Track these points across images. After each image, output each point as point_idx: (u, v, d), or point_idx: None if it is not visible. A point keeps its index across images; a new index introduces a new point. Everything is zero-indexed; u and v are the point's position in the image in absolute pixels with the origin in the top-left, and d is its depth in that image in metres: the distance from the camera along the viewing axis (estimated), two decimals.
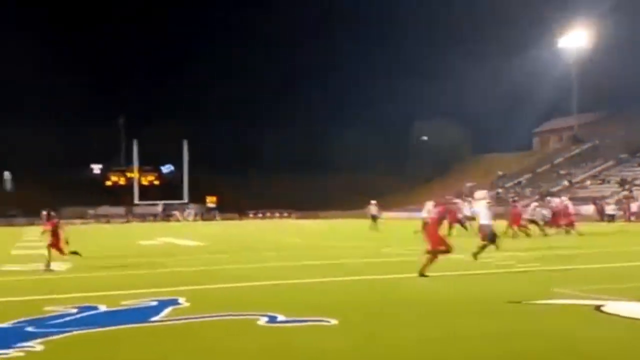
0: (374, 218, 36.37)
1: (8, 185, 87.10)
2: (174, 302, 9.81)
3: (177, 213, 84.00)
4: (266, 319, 8.23)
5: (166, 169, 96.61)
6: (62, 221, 17.49)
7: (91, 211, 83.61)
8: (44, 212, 18.12)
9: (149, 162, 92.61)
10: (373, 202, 37.67)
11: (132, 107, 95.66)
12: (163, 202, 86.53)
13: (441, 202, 17.82)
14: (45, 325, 8.03)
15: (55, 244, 16.12)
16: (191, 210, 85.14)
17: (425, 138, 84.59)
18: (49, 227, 16.51)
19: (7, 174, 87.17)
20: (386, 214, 54.27)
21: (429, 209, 29.39)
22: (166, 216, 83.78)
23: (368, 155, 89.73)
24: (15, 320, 8.37)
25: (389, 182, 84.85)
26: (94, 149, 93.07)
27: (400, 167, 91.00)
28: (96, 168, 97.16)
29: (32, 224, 68.75)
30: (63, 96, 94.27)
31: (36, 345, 6.91)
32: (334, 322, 8.01)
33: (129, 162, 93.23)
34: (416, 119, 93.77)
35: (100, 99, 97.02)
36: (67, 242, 16.45)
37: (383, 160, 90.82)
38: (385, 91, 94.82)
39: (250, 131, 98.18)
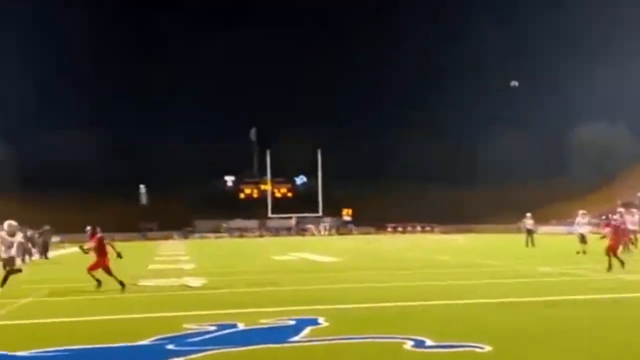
0: (530, 233, 35.20)
1: (143, 199, 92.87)
2: (313, 321, 9.99)
3: (312, 227, 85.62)
4: (412, 343, 8.18)
5: (300, 180, 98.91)
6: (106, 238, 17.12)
7: (225, 225, 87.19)
8: (88, 227, 17.56)
9: (282, 174, 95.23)
10: (528, 214, 36.46)
11: (264, 117, 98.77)
12: (297, 215, 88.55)
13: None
14: (185, 344, 8.45)
15: (101, 262, 16.10)
16: (326, 223, 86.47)
17: (516, 84, 76.77)
18: (92, 245, 16.49)
19: (142, 188, 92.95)
20: (542, 228, 52.39)
21: (578, 221, 28.26)
22: (300, 230, 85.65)
23: (521, 163, 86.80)
24: (155, 338, 8.86)
25: (546, 193, 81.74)
26: (227, 160, 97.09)
27: (559, 176, 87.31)
28: (229, 180, 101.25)
29: (168, 238, 72.88)
30: (196, 108, 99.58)
31: None
32: (487, 348, 7.82)
33: (262, 173, 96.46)
34: (577, 120, 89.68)
35: (233, 109, 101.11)
36: (120, 257, 16.38)
37: (538, 169, 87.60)
38: (540, 91, 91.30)
39: (388, 140, 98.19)
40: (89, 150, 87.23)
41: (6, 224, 16.18)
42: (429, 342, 8.20)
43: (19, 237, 16.41)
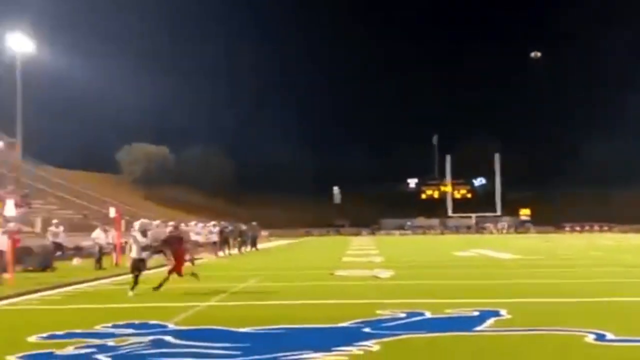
0: None
1: (337, 198, 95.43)
2: (496, 313, 9.81)
3: (490, 225, 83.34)
4: (594, 336, 7.81)
5: (478, 182, 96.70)
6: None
7: (409, 223, 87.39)
8: (171, 224, 15.95)
9: (461, 176, 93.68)
10: None
11: (446, 124, 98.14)
12: (476, 214, 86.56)
13: None
14: (379, 327, 8.68)
15: (180, 264, 13.86)
16: (504, 222, 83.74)
17: (538, 54, 61.61)
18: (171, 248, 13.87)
19: (335, 189, 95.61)
20: None
21: None
22: (480, 228, 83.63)
23: None
24: (353, 321, 9.18)
25: None
26: (410, 164, 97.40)
27: None
28: (412, 182, 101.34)
29: (357, 234, 74.40)
30: (382, 117, 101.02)
31: (373, 346, 7.52)
32: None
33: (443, 176, 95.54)
34: None
35: (417, 117, 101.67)
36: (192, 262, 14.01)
37: None
38: None
39: (566, 141, 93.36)
40: (291, 157, 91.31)
41: (138, 223, 14.57)
42: (610, 336, 7.80)
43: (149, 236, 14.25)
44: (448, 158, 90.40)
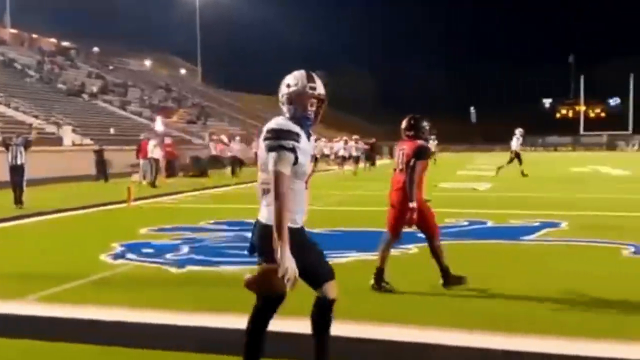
0: None
1: (473, 118, 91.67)
2: (555, 224, 9.10)
3: (622, 143, 76.30)
4: (632, 249, 7.02)
5: (613, 101, 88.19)
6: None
7: (540, 140, 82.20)
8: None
9: (596, 96, 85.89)
10: None
11: (581, 45, 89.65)
12: (607, 132, 79.48)
13: None
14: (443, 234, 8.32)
15: None
16: (635, 141, 76.20)
17: None
18: None
19: (472, 109, 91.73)
20: None
21: None
22: (611, 146, 76.87)
23: None
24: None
25: None
26: (546, 84, 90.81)
27: None
28: (547, 102, 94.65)
29: (490, 150, 71.36)
30: (520, 37, 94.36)
31: (412, 249, 7.26)
32: None
33: (577, 96, 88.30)
34: None
35: (553, 39, 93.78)
36: None
37: None
38: None
39: None
40: (429, 78, 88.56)
41: None
42: None
43: None
44: (582, 78, 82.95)
